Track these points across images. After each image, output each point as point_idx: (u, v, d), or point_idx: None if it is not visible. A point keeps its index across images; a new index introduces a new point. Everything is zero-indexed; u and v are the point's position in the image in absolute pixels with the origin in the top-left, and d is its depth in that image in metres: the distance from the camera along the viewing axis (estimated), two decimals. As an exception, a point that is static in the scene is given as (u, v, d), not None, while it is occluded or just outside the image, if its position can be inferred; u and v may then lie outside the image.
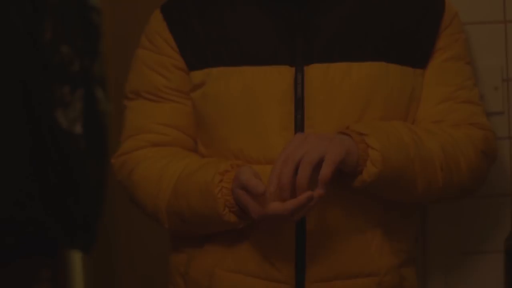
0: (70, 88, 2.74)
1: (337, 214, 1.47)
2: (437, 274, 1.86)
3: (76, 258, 3.25)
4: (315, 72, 1.48)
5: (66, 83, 2.73)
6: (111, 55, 3.04)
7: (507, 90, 1.79)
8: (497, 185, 1.79)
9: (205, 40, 1.53)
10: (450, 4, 1.57)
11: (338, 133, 1.42)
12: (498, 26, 1.78)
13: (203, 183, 1.43)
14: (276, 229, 1.45)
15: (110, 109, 2.92)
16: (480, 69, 1.76)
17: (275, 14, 1.52)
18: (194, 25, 1.55)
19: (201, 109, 1.54)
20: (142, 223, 1.69)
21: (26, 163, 2.66)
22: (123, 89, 1.66)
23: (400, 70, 1.51)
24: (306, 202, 1.33)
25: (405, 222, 1.57)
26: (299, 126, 1.48)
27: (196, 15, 1.55)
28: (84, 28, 2.79)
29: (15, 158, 2.63)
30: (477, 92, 1.59)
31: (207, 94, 1.52)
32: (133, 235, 3.26)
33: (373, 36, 1.51)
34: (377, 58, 1.50)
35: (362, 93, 1.48)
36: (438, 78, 1.55)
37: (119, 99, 1.75)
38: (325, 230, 1.45)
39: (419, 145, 1.44)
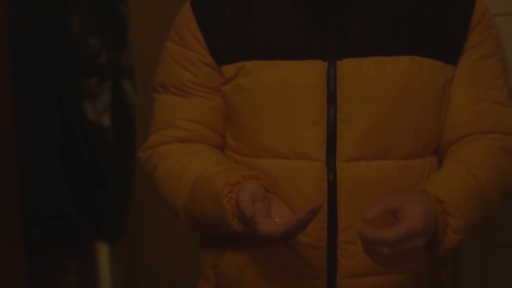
0: (98, 80, 2.76)
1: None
2: (468, 267, 1.85)
3: (104, 251, 3.27)
4: (348, 67, 1.47)
5: (94, 75, 2.75)
6: (139, 46, 3.04)
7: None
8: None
9: (237, 33, 1.52)
10: (481, 0, 1.55)
11: (418, 194, 1.40)
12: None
13: (215, 191, 1.44)
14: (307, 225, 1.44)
15: (139, 101, 2.93)
16: (510, 60, 1.73)
17: (308, 7, 1.50)
18: (225, 18, 1.53)
19: (233, 101, 1.53)
20: (168, 217, 1.69)
21: (54, 155, 2.67)
22: (151, 80, 1.65)
23: (433, 65, 1.49)
24: (299, 226, 1.33)
25: None
26: (331, 121, 1.46)
27: (228, 7, 1.54)
28: (112, 20, 2.79)
29: (43, 150, 2.65)
30: (506, 91, 1.57)
31: (240, 86, 1.51)
32: (159, 228, 3.27)
33: (405, 30, 1.49)
34: (410, 52, 1.48)
35: (396, 87, 1.46)
36: (469, 79, 1.53)
37: (148, 91, 1.74)
38: (357, 226, 1.44)
39: (483, 190, 1.44)
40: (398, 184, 1.47)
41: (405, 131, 1.47)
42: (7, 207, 2.32)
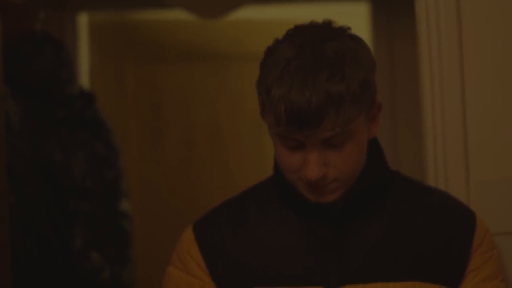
0: (100, 297, 2.74)
1: None
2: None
3: None
4: None
5: (96, 291, 2.74)
6: (142, 260, 3.05)
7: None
8: None
9: (238, 260, 1.53)
10: (481, 221, 1.57)
11: None
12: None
13: None
14: None
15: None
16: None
17: (309, 232, 1.52)
18: (226, 245, 1.55)
19: None
20: None
21: None
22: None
23: None
24: None
25: None
26: None
27: (229, 234, 1.56)
28: (114, 235, 2.82)
29: None
30: None
31: None
32: None
33: (407, 255, 1.50)
34: (412, 277, 1.49)
35: None
36: None
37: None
38: None
39: None
40: None
41: None
42: None
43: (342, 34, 1.48)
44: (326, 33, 1.46)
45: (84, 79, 3.42)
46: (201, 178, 3.65)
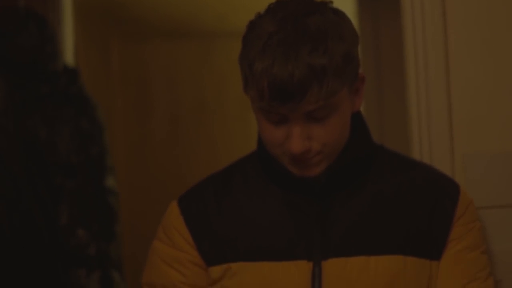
0: (86, 272, 2.74)
1: None
2: None
3: None
4: (332, 267, 1.47)
5: (82, 267, 2.74)
6: (128, 236, 3.06)
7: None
8: None
9: (223, 234, 1.53)
10: (464, 193, 1.57)
11: None
12: (512, 209, 1.80)
13: None
14: None
15: (127, 291, 2.91)
16: (496, 253, 1.75)
17: (293, 206, 1.52)
18: (211, 219, 1.55)
19: None
20: None
21: None
22: (140, 271, 1.65)
23: (417, 263, 1.50)
24: None
25: None
26: None
27: (214, 207, 1.56)
28: (100, 211, 2.82)
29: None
30: (491, 283, 1.57)
31: None
32: None
33: (389, 229, 1.51)
34: (395, 251, 1.49)
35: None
36: (451, 270, 1.53)
37: (136, 281, 1.74)
38: None
39: None
40: None
41: None
42: None
43: (324, 8, 1.47)
44: (308, 7, 1.46)
45: (68, 56, 3.40)
46: (187, 154, 3.65)
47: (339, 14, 1.48)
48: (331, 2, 1.49)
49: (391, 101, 3.07)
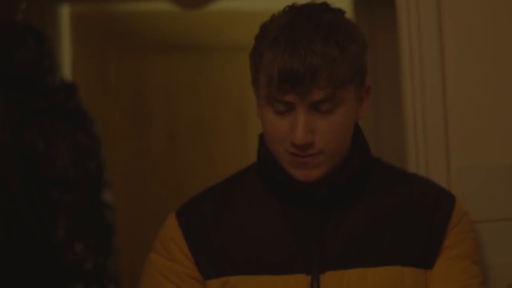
0: (83, 286, 2.73)
1: None
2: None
3: None
4: (330, 280, 1.47)
5: (79, 281, 2.73)
6: (126, 249, 3.05)
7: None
8: None
9: (221, 247, 1.53)
10: (459, 204, 1.58)
11: None
12: (509, 223, 1.79)
13: None
14: None
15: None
16: (492, 267, 1.75)
17: (292, 219, 1.52)
18: (210, 232, 1.55)
19: None
20: None
21: None
22: (137, 284, 1.64)
23: (414, 273, 1.50)
24: None
25: None
26: None
27: (212, 220, 1.56)
28: (97, 226, 2.81)
29: None
30: None
31: None
32: None
33: (387, 241, 1.51)
34: (392, 262, 1.50)
35: None
36: (442, 275, 1.53)
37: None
38: None
39: None
40: None
41: None
42: None
43: (339, 11, 1.51)
44: (323, 7, 1.49)
45: (66, 70, 3.41)
46: (185, 167, 3.65)
47: (352, 21, 1.51)
48: (345, 12, 1.53)
49: (388, 114, 3.07)
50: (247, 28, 1.55)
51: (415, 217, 1.54)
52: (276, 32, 1.44)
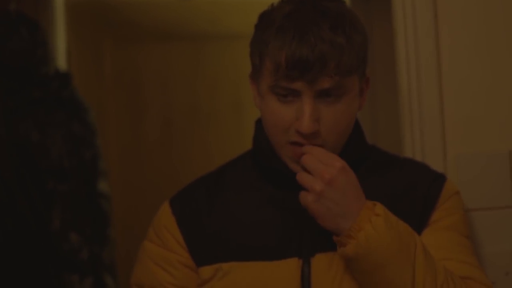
0: (79, 277, 2.73)
1: None
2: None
3: None
4: (320, 263, 1.48)
5: (75, 271, 2.73)
6: (121, 238, 3.05)
7: (519, 273, 1.78)
8: None
9: (214, 234, 1.53)
10: (451, 183, 1.58)
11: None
12: (506, 211, 1.79)
13: None
14: None
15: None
16: (489, 255, 1.75)
17: (284, 204, 1.52)
18: (202, 219, 1.55)
19: None
20: None
21: None
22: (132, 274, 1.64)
23: None
24: None
25: None
26: None
27: (205, 207, 1.56)
28: (93, 215, 2.81)
29: None
30: (474, 259, 1.54)
31: None
32: None
33: None
34: None
35: None
36: (430, 242, 1.50)
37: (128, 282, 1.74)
38: None
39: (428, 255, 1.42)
40: None
41: None
42: None
43: (341, 0, 1.51)
44: None
45: (61, 59, 3.40)
46: (180, 156, 3.65)
47: (354, 11, 1.51)
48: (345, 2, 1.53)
49: (384, 101, 3.07)
50: (243, 17, 1.54)
51: (406, 199, 1.54)
52: (281, 20, 1.43)
